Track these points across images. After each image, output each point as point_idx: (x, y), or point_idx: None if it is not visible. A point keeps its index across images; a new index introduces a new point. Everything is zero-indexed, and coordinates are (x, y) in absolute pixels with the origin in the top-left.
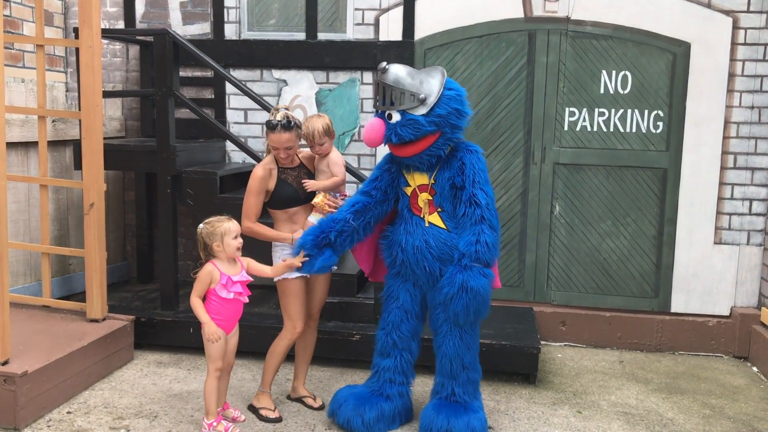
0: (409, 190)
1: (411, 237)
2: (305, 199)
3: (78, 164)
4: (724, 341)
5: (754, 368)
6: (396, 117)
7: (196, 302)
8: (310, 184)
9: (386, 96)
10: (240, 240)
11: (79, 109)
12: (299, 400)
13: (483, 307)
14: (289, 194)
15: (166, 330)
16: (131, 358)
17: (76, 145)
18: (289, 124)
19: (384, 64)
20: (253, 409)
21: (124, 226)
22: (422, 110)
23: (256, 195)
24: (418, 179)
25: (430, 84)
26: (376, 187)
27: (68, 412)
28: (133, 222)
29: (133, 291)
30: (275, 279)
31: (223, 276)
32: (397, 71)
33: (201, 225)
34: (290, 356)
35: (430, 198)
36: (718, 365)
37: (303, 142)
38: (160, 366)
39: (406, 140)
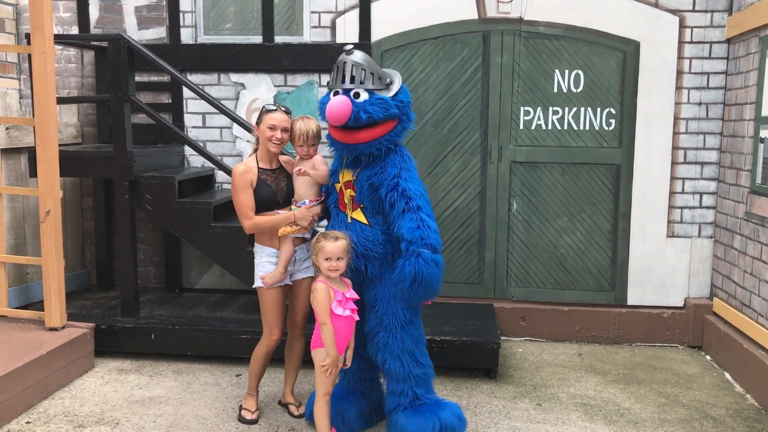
0: (338, 186)
1: None
2: (284, 202)
3: (33, 171)
4: (679, 332)
5: (708, 357)
6: (364, 96)
7: (331, 331)
8: (305, 169)
9: (353, 75)
10: (333, 263)
11: (33, 116)
12: (285, 406)
13: (434, 293)
14: (268, 196)
15: (127, 337)
16: (92, 366)
17: (31, 152)
18: (287, 109)
19: (350, 45)
20: (240, 408)
21: (82, 234)
22: (388, 93)
23: (244, 190)
24: (345, 175)
25: (391, 74)
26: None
27: (27, 422)
28: (92, 229)
29: (93, 298)
30: (255, 286)
31: (337, 293)
32: (364, 54)
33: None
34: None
35: (353, 194)
36: (673, 355)
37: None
38: (122, 373)
39: (374, 118)
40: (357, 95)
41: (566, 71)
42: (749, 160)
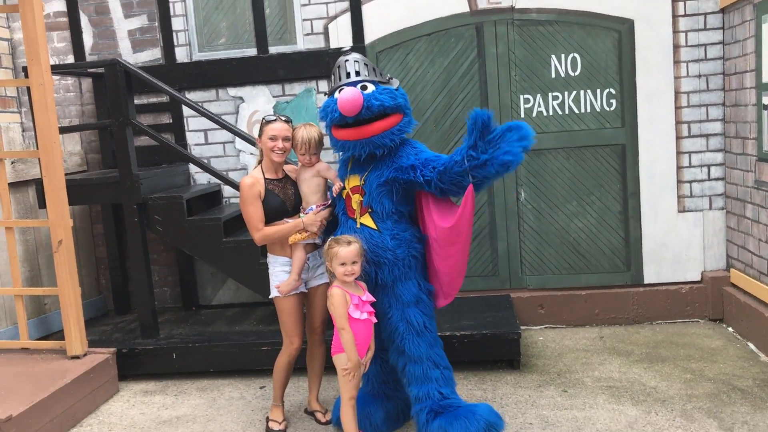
0: (344, 193)
1: None
2: (293, 210)
3: (42, 203)
4: (699, 306)
5: (730, 329)
6: (371, 87)
7: (350, 335)
8: (339, 184)
9: (357, 70)
10: (348, 268)
11: (37, 148)
12: (311, 413)
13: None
14: (277, 205)
15: (149, 358)
16: (117, 391)
17: (38, 183)
18: (287, 118)
19: (347, 48)
20: (267, 420)
21: (95, 260)
22: (391, 86)
23: (253, 203)
24: (352, 181)
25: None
26: None
27: None
28: (105, 254)
29: (112, 323)
30: (271, 296)
31: (353, 297)
32: (361, 55)
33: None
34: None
35: (362, 199)
36: (695, 330)
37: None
38: (147, 395)
39: (385, 106)
40: (364, 87)
41: (562, 56)
42: (754, 127)
